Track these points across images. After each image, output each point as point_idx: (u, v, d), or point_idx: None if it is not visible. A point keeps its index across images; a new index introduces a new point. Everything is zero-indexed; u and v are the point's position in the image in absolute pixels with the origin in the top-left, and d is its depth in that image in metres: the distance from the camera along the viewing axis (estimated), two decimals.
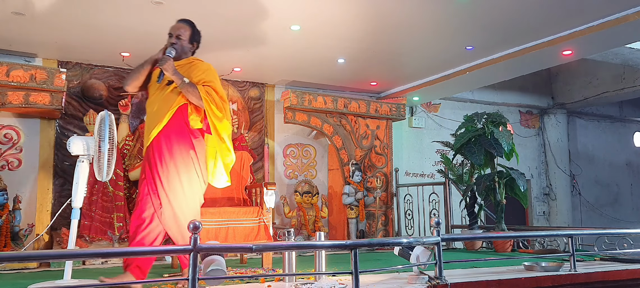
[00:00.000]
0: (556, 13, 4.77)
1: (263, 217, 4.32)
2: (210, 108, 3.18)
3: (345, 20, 4.87)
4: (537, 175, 9.22)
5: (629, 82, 8.39)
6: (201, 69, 3.29)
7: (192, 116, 3.21)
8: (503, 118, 5.80)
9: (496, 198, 5.52)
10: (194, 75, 3.24)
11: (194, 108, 3.21)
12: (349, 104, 6.65)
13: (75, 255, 2.75)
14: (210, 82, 3.24)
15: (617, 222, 9.60)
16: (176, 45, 3.34)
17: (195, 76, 3.24)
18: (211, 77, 3.27)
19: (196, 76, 3.24)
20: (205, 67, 3.32)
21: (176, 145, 3.13)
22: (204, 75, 3.25)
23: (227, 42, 5.33)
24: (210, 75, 3.29)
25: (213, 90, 3.22)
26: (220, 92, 3.27)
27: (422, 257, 3.12)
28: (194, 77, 3.23)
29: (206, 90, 3.19)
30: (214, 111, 3.19)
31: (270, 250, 3.93)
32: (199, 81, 3.22)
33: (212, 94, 3.21)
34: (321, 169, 7.12)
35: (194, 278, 2.10)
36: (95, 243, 5.37)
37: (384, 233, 6.66)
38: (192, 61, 3.36)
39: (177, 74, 3.18)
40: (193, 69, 3.28)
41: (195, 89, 3.17)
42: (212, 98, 3.20)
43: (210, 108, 3.18)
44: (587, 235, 5.18)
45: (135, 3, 4.39)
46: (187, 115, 3.20)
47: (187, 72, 3.24)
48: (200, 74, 3.26)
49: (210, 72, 3.31)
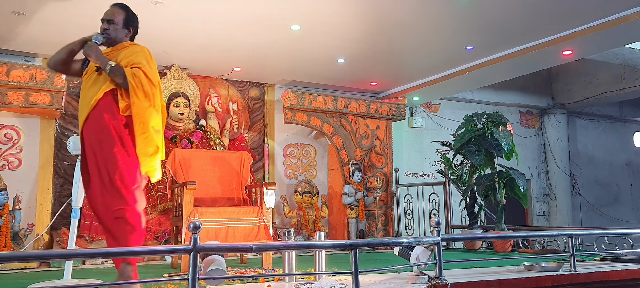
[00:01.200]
0: (556, 13, 4.77)
1: (263, 217, 4.32)
2: (135, 92, 2.87)
3: (345, 20, 4.87)
4: (537, 175, 9.22)
5: (629, 82, 8.39)
6: (132, 51, 3.02)
7: (121, 101, 2.91)
8: (503, 118, 5.80)
9: (496, 199, 5.52)
10: (123, 57, 2.97)
11: (124, 93, 2.92)
12: (349, 103, 6.65)
13: (75, 255, 2.75)
14: (139, 64, 2.95)
15: (617, 222, 9.60)
16: (108, 30, 3.04)
17: (124, 58, 2.97)
18: (140, 59, 2.98)
19: (125, 58, 2.97)
20: (136, 49, 3.04)
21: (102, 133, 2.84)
22: (133, 57, 2.97)
23: (227, 42, 5.34)
24: (139, 56, 2.99)
25: (142, 73, 2.91)
26: (151, 75, 2.96)
27: (422, 257, 3.12)
28: (123, 59, 2.96)
29: (133, 72, 2.89)
30: (139, 96, 2.88)
31: (270, 250, 3.94)
32: (128, 64, 2.94)
33: (139, 76, 2.90)
34: (321, 169, 7.12)
35: (194, 278, 2.10)
36: (96, 243, 5.37)
37: (384, 233, 6.66)
38: (126, 45, 3.08)
39: (102, 58, 2.91)
40: (124, 52, 3.01)
41: (121, 70, 2.88)
42: (139, 80, 2.89)
43: (135, 92, 2.87)
44: (587, 235, 5.19)
45: (135, 3, 4.37)
46: (117, 100, 2.91)
47: (116, 57, 2.98)
48: (130, 55, 2.98)
49: (140, 54, 3.01)
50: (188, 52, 5.67)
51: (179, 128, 6.12)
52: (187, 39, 5.25)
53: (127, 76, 2.87)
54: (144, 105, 2.88)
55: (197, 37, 5.20)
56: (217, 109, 6.48)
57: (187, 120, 6.18)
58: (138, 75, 2.89)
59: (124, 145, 2.85)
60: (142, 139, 2.86)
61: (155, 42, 5.31)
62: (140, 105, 2.87)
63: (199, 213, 4.09)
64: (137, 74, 2.89)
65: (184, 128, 6.14)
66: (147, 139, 2.87)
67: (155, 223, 5.73)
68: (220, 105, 6.53)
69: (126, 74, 2.88)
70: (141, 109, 2.88)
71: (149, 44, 5.31)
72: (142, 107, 2.88)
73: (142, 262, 5.24)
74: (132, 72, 2.89)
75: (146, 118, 2.88)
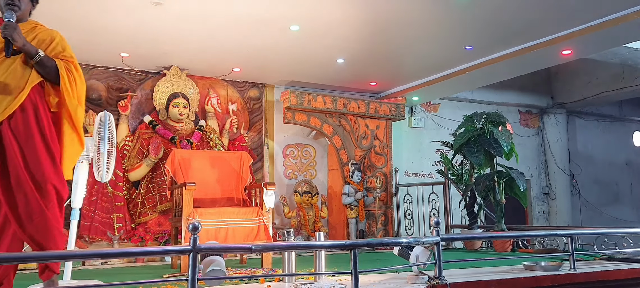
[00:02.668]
0: (555, 13, 4.77)
1: (263, 217, 4.31)
2: (67, 90, 2.60)
3: (345, 21, 4.87)
4: (537, 174, 9.23)
5: (628, 81, 8.39)
6: (49, 35, 2.69)
7: (50, 98, 2.62)
8: (502, 118, 5.80)
9: (496, 198, 5.52)
10: (40, 41, 2.64)
11: (51, 87, 2.62)
12: (349, 104, 6.66)
13: (75, 255, 2.74)
14: (70, 56, 2.69)
15: (616, 221, 9.60)
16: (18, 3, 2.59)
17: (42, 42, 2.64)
18: (67, 47, 2.71)
19: (51, 48, 2.65)
20: (53, 34, 2.72)
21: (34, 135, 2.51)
22: (59, 47, 2.68)
23: (227, 42, 5.34)
24: (64, 44, 2.72)
25: (74, 68, 2.66)
26: (80, 69, 2.72)
27: (422, 256, 3.12)
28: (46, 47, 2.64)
29: (66, 66, 2.63)
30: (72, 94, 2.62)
31: (269, 251, 3.94)
32: (57, 54, 2.65)
33: (72, 72, 2.64)
34: (321, 169, 7.12)
35: (194, 279, 2.09)
36: (95, 244, 5.38)
37: (384, 233, 6.66)
38: (34, 25, 2.71)
39: (30, 46, 2.54)
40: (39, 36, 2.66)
41: (52, 63, 2.59)
42: (72, 77, 2.63)
43: (68, 90, 2.60)
44: (586, 234, 5.19)
45: (135, 3, 4.39)
46: (45, 95, 2.61)
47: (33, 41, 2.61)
48: (56, 45, 2.68)
49: (65, 43, 2.73)
50: (187, 53, 5.67)
51: (179, 128, 6.12)
52: (186, 40, 5.25)
53: (60, 70, 2.58)
54: (74, 103, 2.64)
55: (196, 38, 5.21)
56: (216, 110, 6.48)
57: (187, 121, 6.18)
58: (71, 71, 2.64)
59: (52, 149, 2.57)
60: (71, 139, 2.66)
61: (155, 43, 5.32)
62: (71, 103, 2.62)
63: (199, 214, 4.09)
64: (71, 70, 2.64)
65: (184, 128, 6.14)
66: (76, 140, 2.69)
67: (154, 223, 5.73)
68: (220, 105, 6.53)
69: (59, 67, 2.59)
70: (72, 107, 2.63)
71: (149, 44, 5.36)
72: (73, 104, 2.63)
73: (142, 262, 5.25)
74: (66, 66, 2.62)
75: (78, 117, 2.66)
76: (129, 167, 5.76)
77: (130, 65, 6.02)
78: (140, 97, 6.13)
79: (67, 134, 2.65)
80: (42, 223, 2.45)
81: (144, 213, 5.73)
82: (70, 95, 2.61)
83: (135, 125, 6.03)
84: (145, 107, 6.11)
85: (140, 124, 6.05)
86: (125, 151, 5.82)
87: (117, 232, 5.49)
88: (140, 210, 5.73)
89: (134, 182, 5.79)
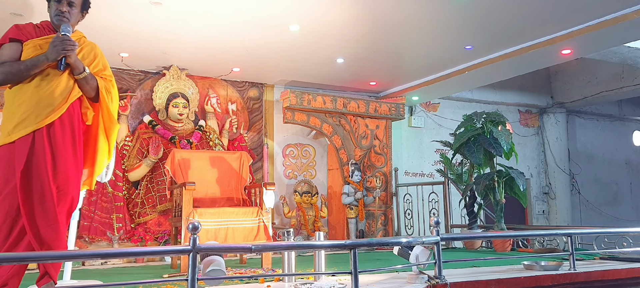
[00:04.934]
0: (555, 12, 4.77)
1: (262, 217, 4.31)
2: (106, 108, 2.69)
3: (345, 20, 4.87)
4: (537, 174, 9.23)
5: (628, 80, 8.39)
6: (92, 51, 2.73)
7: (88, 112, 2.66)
8: (502, 117, 5.80)
9: (495, 198, 5.52)
10: (88, 60, 2.68)
11: (89, 102, 2.68)
12: (348, 103, 6.66)
13: (75, 255, 2.74)
14: (110, 77, 2.75)
15: (616, 220, 9.61)
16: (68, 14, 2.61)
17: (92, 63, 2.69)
18: (109, 70, 2.79)
19: (93, 64, 2.69)
20: (97, 51, 2.76)
21: (66, 144, 2.53)
22: (101, 65, 2.74)
23: (226, 42, 5.33)
24: (106, 65, 2.78)
25: (111, 87, 2.73)
26: (116, 87, 2.80)
27: (422, 256, 3.12)
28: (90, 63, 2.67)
29: (106, 86, 2.70)
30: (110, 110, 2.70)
31: (269, 250, 3.94)
32: (98, 72, 2.69)
33: (111, 92, 2.72)
34: (320, 169, 7.12)
35: (193, 279, 2.10)
36: (95, 244, 5.38)
37: (384, 233, 6.66)
38: (80, 38, 2.73)
39: (80, 62, 2.59)
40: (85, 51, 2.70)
41: (95, 82, 2.64)
42: (111, 97, 2.71)
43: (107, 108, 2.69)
44: (586, 234, 5.20)
45: (135, 3, 4.39)
46: (82, 108, 2.65)
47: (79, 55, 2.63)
48: (98, 62, 2.73)
49: (105, 60, 2.79)
50: (187, 53, 5.67)
51: (178, 128, 6.11)
52: (186, 40, 5.25)
53: (100, 90, 2.65)
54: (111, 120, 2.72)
55: (196, 38, 5.20)
56: (216, 110, 6.48)
57: (186, 121, 6.18)
58: (110, 91, 2.71)
59: (79, 162, 2.61)
60: (103, 151, 2.72)
61: (154, 43, 5.32)
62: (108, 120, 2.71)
63: (198, 214, 4.09)
64: (109, 90, 2.71)
65: (183, 128, 6.14)
66: (107, 150, 2.75)
67: (154, 224, 5.73)
68: (220, 105, 6.53)
69: (100, 86, 2.65)
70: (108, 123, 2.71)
71: (148, 44, 5.36)
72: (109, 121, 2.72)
73: (141, 262, 5.25)
74: (105, 86, 2.69)
75: (112, 131, 2.74)
76: (128, 167, 5.76)
77: (130, 65, 6.02)
78: (140, 97, 6.13)
79: (101, 144, 2.71)
80: (55, 232, 2.45)
81: (144, 214, 5.73)
82: (107, 113, 2.70)
83: (134, 125, 6.03)
84: (144, 107, 6.11)
85: (140, 123, 6.04)
86: (125, 151, 5.82)
87: (117, 232, 5.49)
88: (140, 210, 5.73)
89: (133, 182, 5.79)
